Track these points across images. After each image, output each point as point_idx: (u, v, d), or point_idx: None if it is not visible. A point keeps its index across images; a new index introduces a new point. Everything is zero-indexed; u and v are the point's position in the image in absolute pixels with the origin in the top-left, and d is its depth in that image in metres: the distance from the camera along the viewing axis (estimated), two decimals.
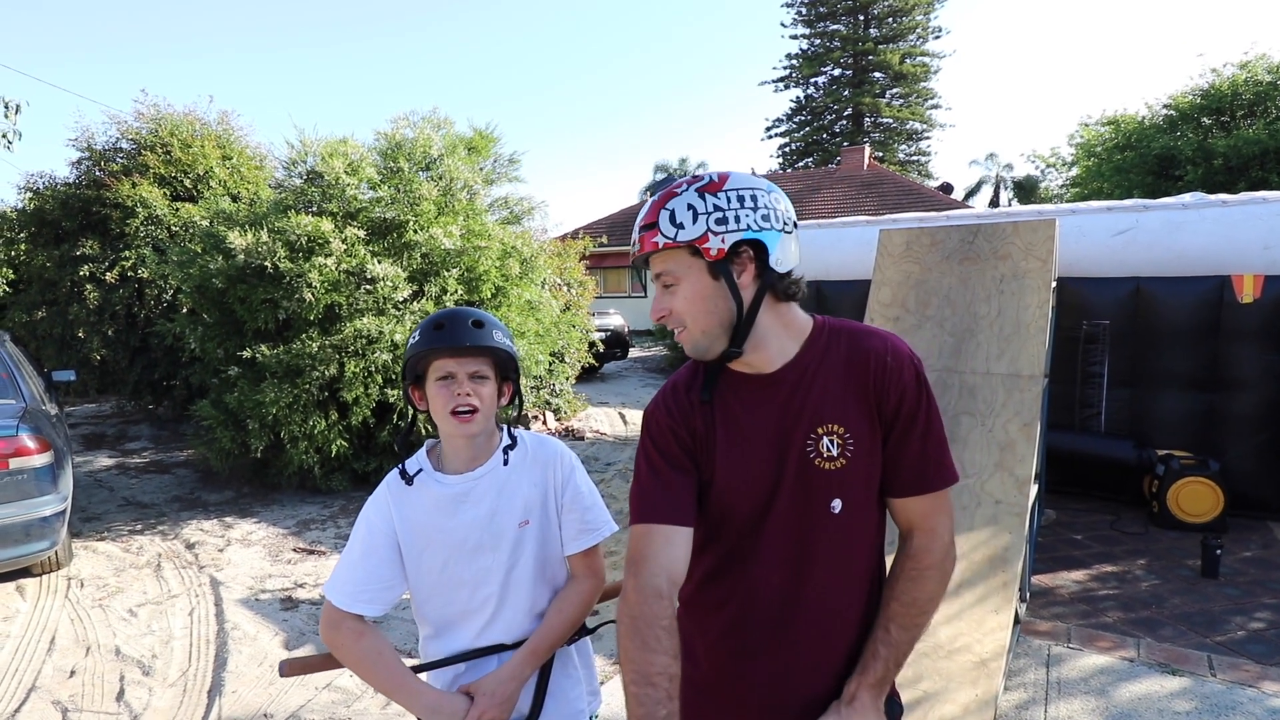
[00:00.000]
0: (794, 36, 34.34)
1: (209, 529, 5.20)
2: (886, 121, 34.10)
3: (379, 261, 5.68)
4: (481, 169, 6.90)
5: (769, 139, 41.54)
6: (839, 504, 1.09)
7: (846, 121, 34.35)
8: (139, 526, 5.28)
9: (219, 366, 5.81)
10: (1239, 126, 12.92)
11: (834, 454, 1.08)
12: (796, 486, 1.09)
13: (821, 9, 33.22)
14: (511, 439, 1.42)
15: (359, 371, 5.55)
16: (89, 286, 7.82)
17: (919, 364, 1.11)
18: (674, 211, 1.05)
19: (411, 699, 1.30)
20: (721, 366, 1.14)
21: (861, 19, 33.15)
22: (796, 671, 1.13)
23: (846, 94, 33.48)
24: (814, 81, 34.57)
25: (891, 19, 32.67)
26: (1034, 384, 3.21)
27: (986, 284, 3.59)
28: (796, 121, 35.31)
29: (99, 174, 8.18)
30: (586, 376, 11.85)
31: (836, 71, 34.12)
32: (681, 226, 1.04)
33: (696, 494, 1.13)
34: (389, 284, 5.68)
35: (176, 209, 7.92)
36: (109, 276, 7.82)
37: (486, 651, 1.38)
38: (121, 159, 8.39)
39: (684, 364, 1.22)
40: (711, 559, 1.17)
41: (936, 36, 33.05)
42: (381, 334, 5.58)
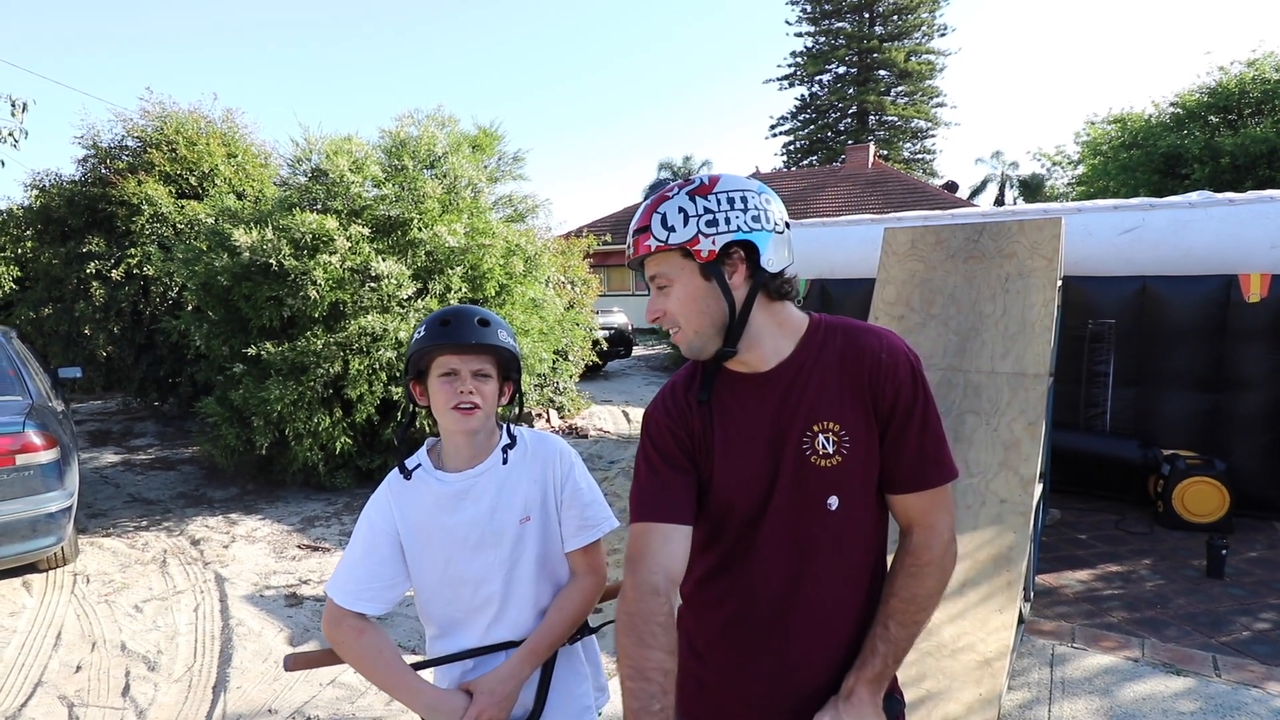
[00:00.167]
0: (798, 34, 34.27)
1: (214, 525, 5.22)
2: (891, 120, 34.00)
3: (383, 259, 5.69)
4: (486, 167, 6.90)
5: (773, 137, 41.43)
6: (836, 501, 1.09)
7: (851, 119, 34.26)
8: (144, 523, 5.30)
9: (224, 364, 5.83)
10: (1246, 125, 12.84)
11: (830, 451, 1.08)
12: (793, 484, 1.09)
13: (826, 7, 33.11)
14: (511, 438, 1.43)
15: (363, 369, 5.56)
16: (95, 284, 7.85)
17: (915, 360, 1.11)
18: (665, 215, 1.06)
19: (411, 696, 1.31)
20: (719, 366, 1.15)
21: (866, 17, 33.04)
22: (796, 667, 1.13)
23: (851, 92, 33.39)
24: (818, 79, 34.47)
25: (896, 16, 32.54)
26: (1039, 383, 3.20)
27: (991, 282, 3.58)
28: (801, 119, 35.22)
29: (105, 171, 8.21)
30: (590, 374, 11.86)
31: (841, 69, 34.01)
32: (673, 229, 1.06)
33: (695, 493, 1.14)
34: (393, 281, 5.69)
35: (182, 206, 7.96)
36: (115, 274, 7.86)
37: (492, 649, 1.38)
38: (127, 156, 8.42)
39: (684, 364, 1.23)
40: (713, 557, 1.18)
41: (942, 34, 32.93)
42: (386, 331, 5.59)
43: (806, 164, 34.40)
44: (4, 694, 3.04)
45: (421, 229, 5.94)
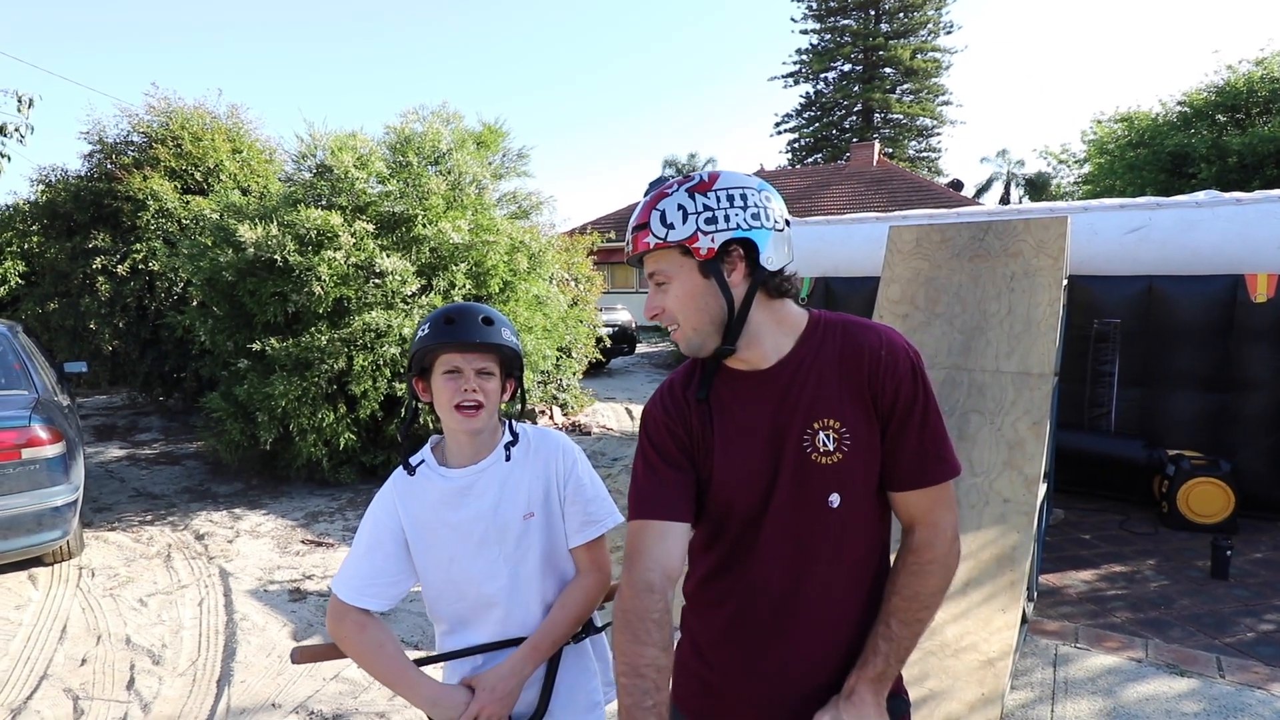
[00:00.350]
0: (804, 31, 34.13)
1: (218, 520, 5.24)
2: (897, 117, 33.88)
3: (388, 255, 5.70)
4: (490, 163, 6.89)
5: (778, 134, 41.24)
6: (837, 499, 1.09)
7: (856, 117, 34.14)
8: (149, 517, 5.33)
9: (229, 359, 5.85)
10: (1254, 124, 12.76)
11: (830, 449, 1.08)
12: (794, 482, 1.09)
13: (832, 4, 32.98)
14: (514, 434, 1.43)
15: (367, 365, 5.57)
16: (100, 279, 7.88)
17: (916, 357, 1.10)
18: (664, 212, 1.06)
19: (412, 691, 1.31)
20: (718, 364, 1.15)
21: (872, 14, 32.90)
22: (798, 666, 1.13)
23: (856, 89, 33.27)
24: (824, 77, 34.36)
25: (902, 14, 32.40)
26: (1044, 382, 3.19)
27: (997, 281, 3.57)
28: (806, 117, 35.12)
29: (110, 167, 8.24)
30: (593, 372, 11.86)
31: (846, 67, 33.88)
32: (672, 227, 1.05)
33: (694, 491, 1.14)
34: (397, 278, 5.69)
35: (187, 202, 7.97)
36: (120, 269, 7.89)
37: (500, 645, 1.38)
38: (133, 152, 8.44)
39: (684, 362, 1.23)
40: (714, 557, 1.18)
41: (948, 32, 32.77)
42: (390, 328, 5.60)
43: (811, 162, 34.30)
44: (10, 687, 3.06)
45: (426, 225, 5.94)
